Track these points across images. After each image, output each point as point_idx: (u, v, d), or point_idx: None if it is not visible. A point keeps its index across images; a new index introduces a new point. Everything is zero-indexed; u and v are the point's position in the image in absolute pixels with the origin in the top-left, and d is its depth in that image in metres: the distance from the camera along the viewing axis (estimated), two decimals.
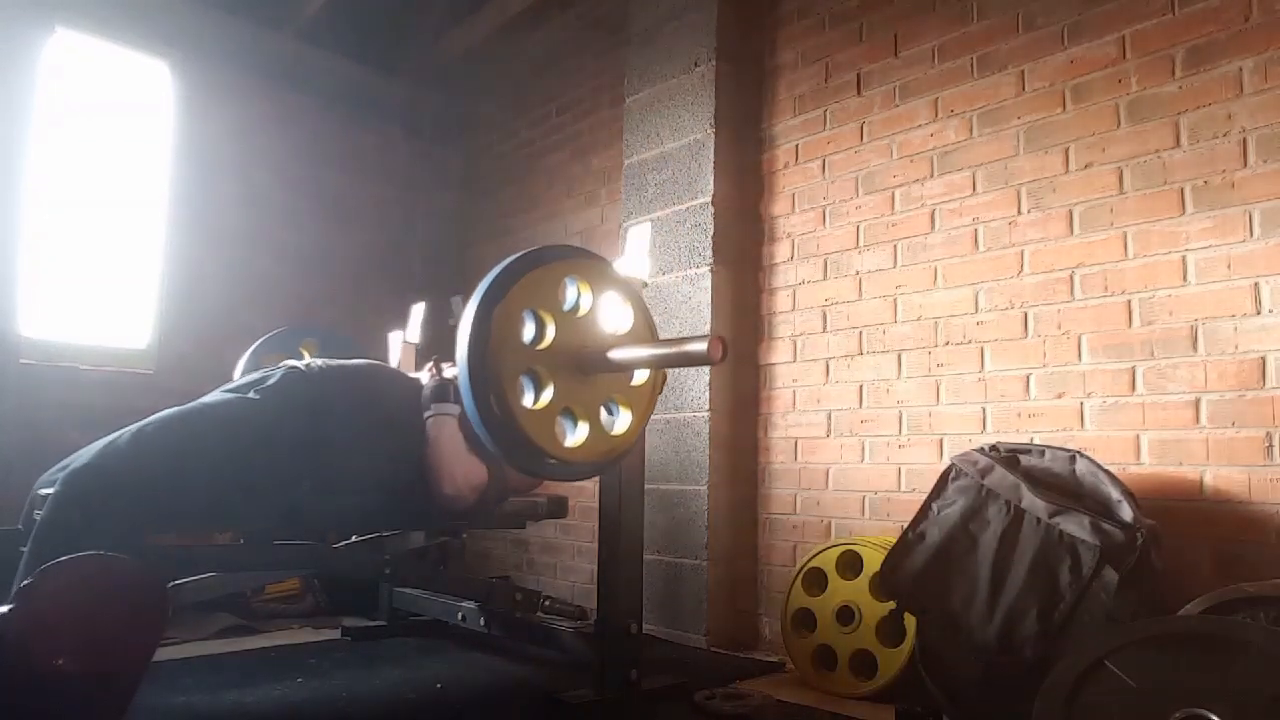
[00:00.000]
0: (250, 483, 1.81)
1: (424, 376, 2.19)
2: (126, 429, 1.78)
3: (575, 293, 1.74)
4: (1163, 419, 1.98)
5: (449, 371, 2.13)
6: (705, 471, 2.75)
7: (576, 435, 1.69)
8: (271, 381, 1.98)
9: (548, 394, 1.64)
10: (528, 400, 1.62)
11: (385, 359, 2.79)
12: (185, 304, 3.50)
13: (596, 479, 2.02)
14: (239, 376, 2.68)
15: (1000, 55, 2.36)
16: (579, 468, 1.74)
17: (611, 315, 1.78)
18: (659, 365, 1.75)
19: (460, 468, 2.01)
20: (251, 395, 1.93)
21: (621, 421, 1.78)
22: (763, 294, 2.86)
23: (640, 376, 1.80)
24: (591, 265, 1.78)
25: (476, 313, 1.59)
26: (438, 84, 4.33)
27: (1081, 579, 1.65)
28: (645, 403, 1.82)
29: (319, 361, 2.10)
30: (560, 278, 1.70)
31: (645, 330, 1.82)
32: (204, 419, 1.85)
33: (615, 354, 1.68)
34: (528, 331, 1.65)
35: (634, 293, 1.84)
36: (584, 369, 1.69)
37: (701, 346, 1.52)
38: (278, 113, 3.88)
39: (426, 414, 2.07)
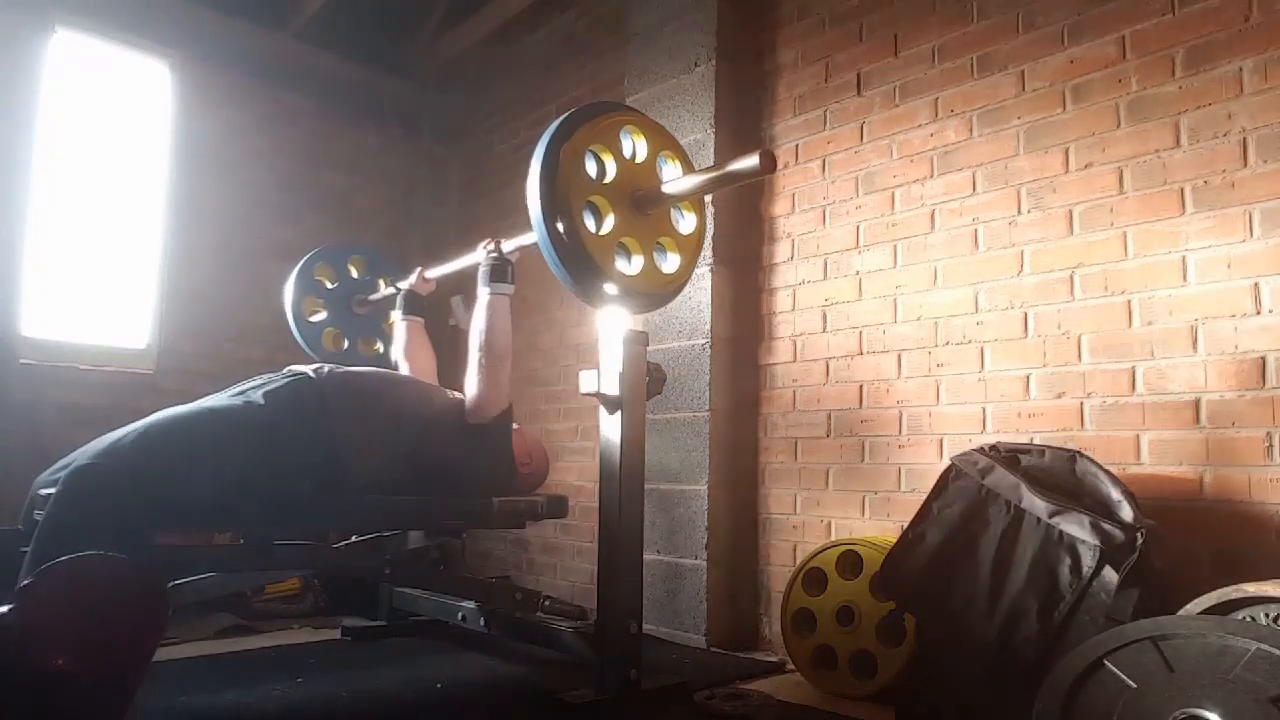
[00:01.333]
0: (252, 484, 1.81)
1: (480, 254, 2.25)
2: (130, 428, 1.78)
3: (632, 143, 1.96)
4: (1163, 419, 1.98)
5: (508, 245, 2.22)
6: (705, 471, 2.75)
7: (632, 267, 1.89)
8: (278, 385, 1.98)
9: (608, 224, 1.85)
10: (591, 226, 1.82)
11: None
12: (185, 304, 3.50)
13: (596, 480, 2.02)
14: (289, 296, 2.85)
15: (1000, 55, 2.36)
16: (634, 298, 1.90)
17: (664, 169, 2.00)
18: (713, 186, 1.91)
19: (506, 346, 2.15)
20: (257, 399, 1.94)
21: (671, 263, 1.99)
22: (763, 294, 2.86)
23: (688, 226, 2.03)
24: (645, 121, 1.99)
25: (546, 150, 1.78)
26: (438, 84, 4.33)
27: (1081, 579, 1.65)
28: (692, 249, 2.04)
29: (325, 367, 2.11)
30: (618, 128, 1.92)
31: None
32: (208, 422, 1.85)
33: (670, 185, 1.90)
34: (591, 168, 1.86)
35: (683, 151, 2.04)
36: (640, 206, 1.90)
37: (752, 161, 1.70)
38: (277, 113, 3.88)
39: (484, 289, 2.17)
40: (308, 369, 2.07)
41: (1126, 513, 1.71)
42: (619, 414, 1.94)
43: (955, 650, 1.79)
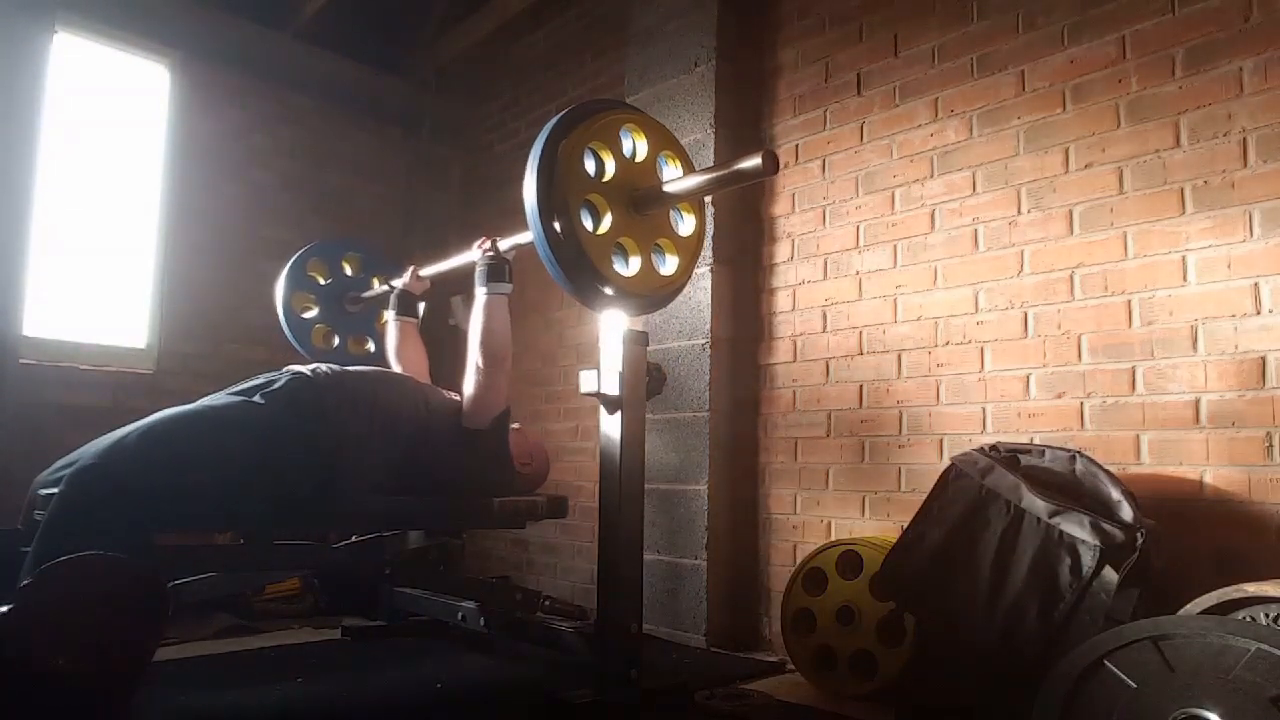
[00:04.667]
0: (252, 484, 1.81)
1: (476, 254, 2.23)
2: (132, 427, 1.78)
3: (631, 142, 1.92)
4: (1163, 419, 1.98)
5: (504, 244, 2.20)
6: (705, 471, 2.75)
7: (630, 269, 1.85)
8: (276, 386, 1.98)
9: (605, 223, 1.81)
10: (588, 226, 1.78)
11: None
12: (185, 304, 3.50)
13: (596, 480, 2.02)
14: (280, 291, 2.80)
15: (1000, 55, 2.36)
16: (631, 300, 1.86)
17: (663, 169, 1.96)
18: (714, 187, 1.86)
19: (505, 346, 2.13)
20: (256, 399, 1.94)
21: (669, 265, 1.94)
22: (763, 294, 2.86)
23: (687, 227, 1.99)
24: (646, 120, 1.95)
25: (544, 147, 1.74)
26: (438, 84, 4.32)
27: (1081, 579, 1.65)
28: (691, 251, 1.99)
29: (324, 367, 2.11)
30: (618, 126, 1.88)
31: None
32: (209, 422, 1.86)
33: (670, 185, 1.85)
34: (589, 166, 1.81)
35: (684, 151, 2.00)
36: (639, 206, 1.86)
37: (755, 161, 1.66)
38: (277, 112, 3.88)
39: (481, 288, 2.15)
40: (306, 369, 2.07)
41: (1126, 513, 1.71)
42: (619, 414, 1.94)
43: (955, 650, 1.79)
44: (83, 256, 3.37)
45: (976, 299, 2.34)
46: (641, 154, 1.93)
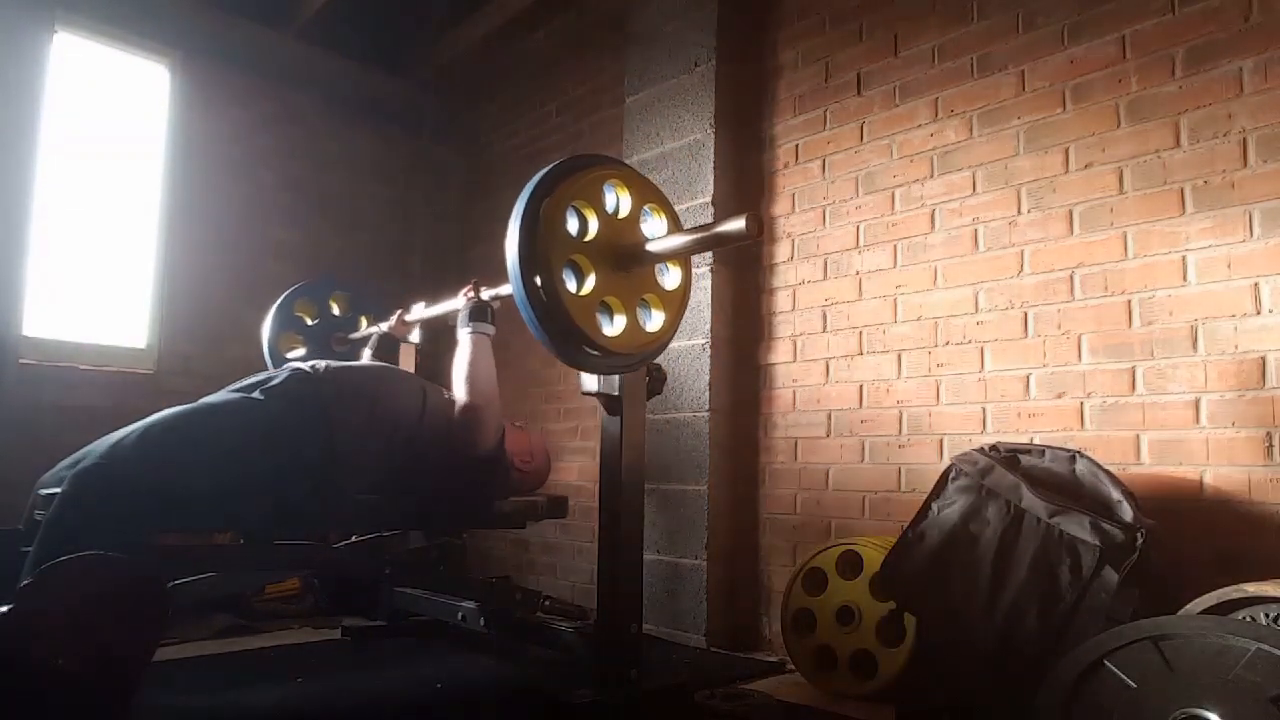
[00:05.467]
0: (252, 483, 1.81)
1: (460, 300, 2.22)
2: (133, 427, 1.78)
3: (615, 197, 1.86)
4: (1163, 419, 1.98)
5: (487, 293, 2.18)
6: (705, 471, 2.75)
7: (614, 327, 1.79)
8: (276, 382, 1.98)
9: (589, 283, 1.74)
10: (571, 287, 1.72)
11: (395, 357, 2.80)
12: (185, 304, 3.50)
13: (596, 480, 2.02)
14: (266, 331, 2.77)
15: (1000, 55, 2.36)
16: (617, 358, 1.81)
17: (648, 223, 1.90)
18: (697, 249, 1.82)
19: (490, 387, 2.09)
20: (256, 396, 1.94)
21: (655, 321, 1.88)
22: (763, 294, 2.86)
23: (673, 281, 1.92)
24: (630, 174, 1.89)
25: (526, 205, 1.70)
26: (438, 84, 4.32)
27: (1081, 579, 1.65)
28: (677, 306, 1.92)
29: (323, 363, 2.11)
30: (601, 182, 1.82)
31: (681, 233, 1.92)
32: (208, 420, 1.86)
33: (654, 244, 1.80)
34: (572, 225, 1.76)
35: (669, 204, 1.93)
36: (623, 264, 1.80)
37: (739, 224, 1.60)
38: (278, 112, 3.88)
39: (463, 330, 2.13)
40: (306, 365, 2.07)
41: (1126, 513, 1.71)
42: (619, 414, 1.94)
43: (955, 650, 1.79)
44: (83, 256, 3.37)
45: (976, 299, 2.34)
46: (625, 209, 1.85)
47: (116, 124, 3.49)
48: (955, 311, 2.37)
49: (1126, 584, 1.61)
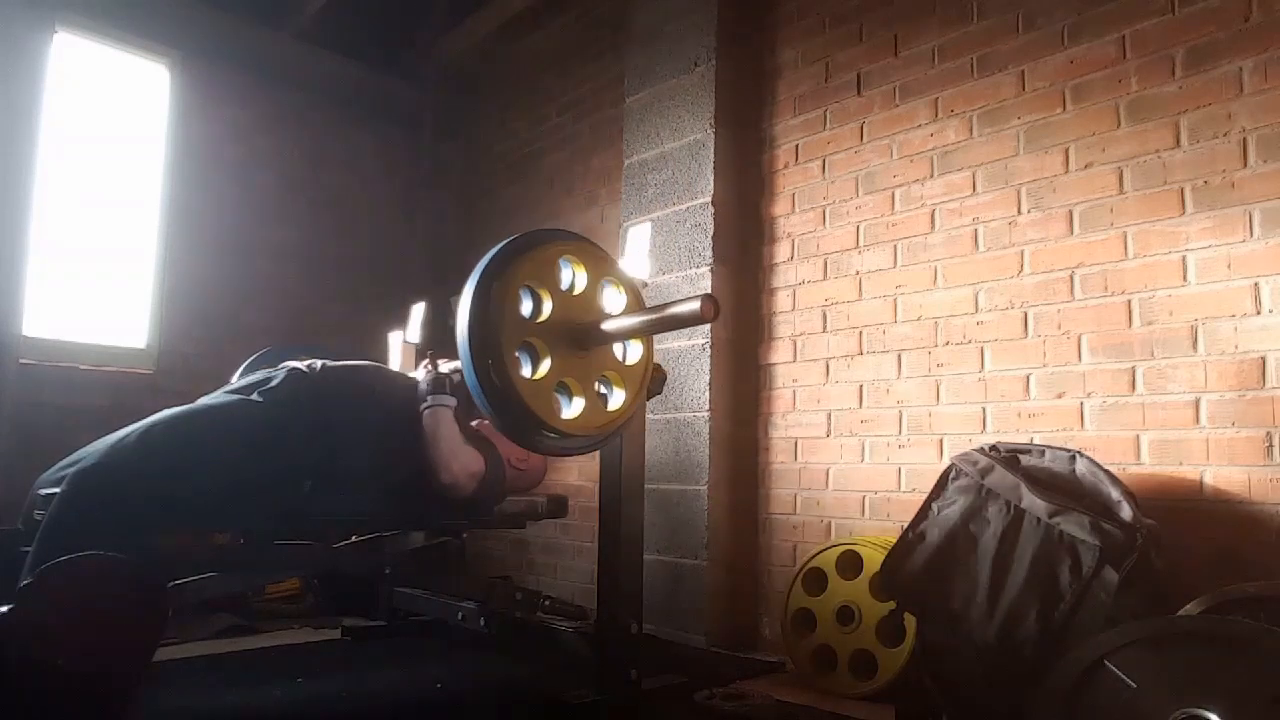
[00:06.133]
0: (252, 483, 1.81)
1: (420, 373, 2.20)
2: (133, 427, 1.78)
3: (570, 273, 1.79)
4: (1163, 419, 1.98)
5: (445, 367, 2.16)
6: (705, 471, 2.75)
7: (573, 409, 1.72)
8: (275, 383, 1.99)
9: (545, 366, 1.68)
10: (525, 371, 1.67)
11: (385, 359, 2.80)
12: (185, 304, 3.50)
13: (596, 481, 2.02)
14: (235, 382, 2.69)
15: (1000, 55, 2.36)
16: (576, 440, 1.76)
17: (605, 296, 1.83)
18: (650, 330, 1.76)
19: (457, 459, 2.06)
20: (255, 397, 1.94)
21: (616, 399, 1.82)
22: (763, 294, 2.86)
23: (634, 356, 1.85)
24: (585, 248, 1.82)
25: (476, 288, 1.63)
26: (438, 84, 4.33)
27: (1081, 579, 1.65)
28: (639, 381, 1.86)
29: (320, 363, 2.11)
30: (556, 258, 1.75)
31: (638, 310, 1.85)
32: (208, 420, 1.86)
33: (608, 324, 1.73)
34: (525, 307, 1.69)
35: (627, 278, 1.87)
36: (580, 344, 1.74)
37: (693, 306, 1.53)
38: (278, 113, 3.88)
39: (423, 405, 2.10)
40: (303, 365, 2.08)
41: (1126, 513, 1.71)
42: None
43: (955, 650, 1.79)
44: (83, 256, 3.37)
45: (976, 299, 2.34)
46: (581, 285, 1.79)
47: (116, 124, 3.49)
48: (955, 311, 2.37)
49: (1126, 584, 1.61)
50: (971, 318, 2.34)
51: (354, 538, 2.48)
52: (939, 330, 2.40)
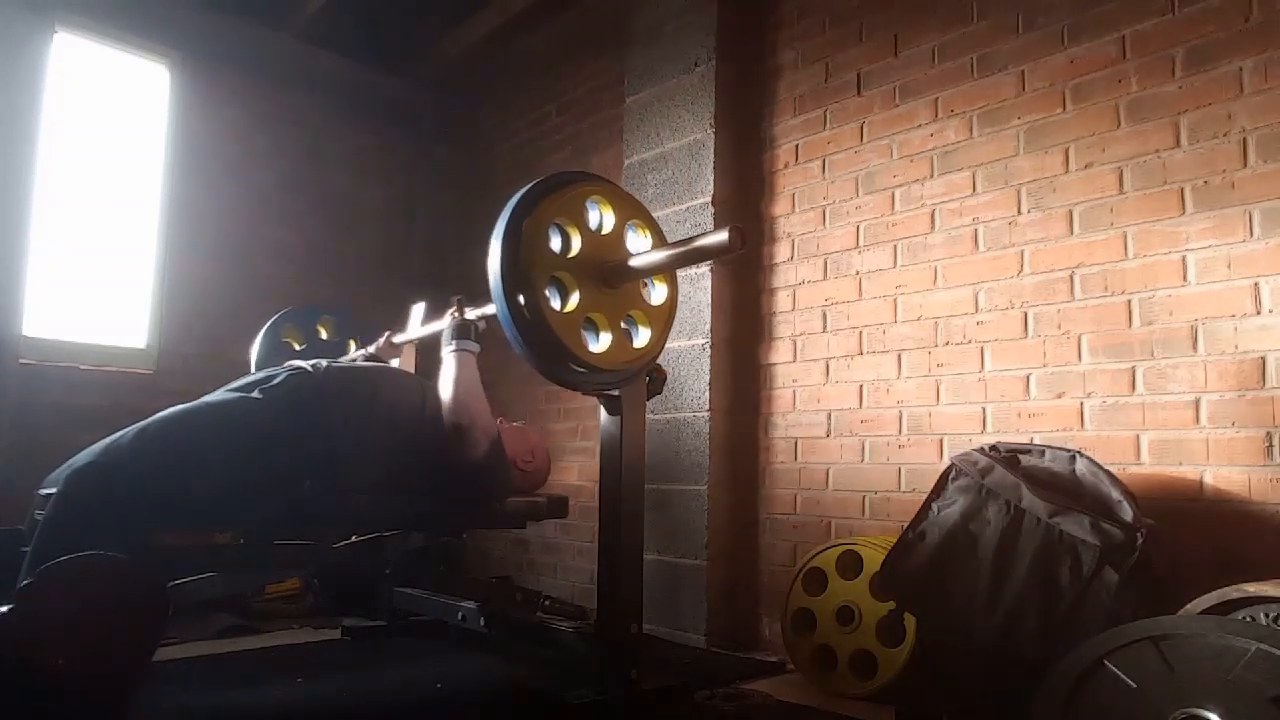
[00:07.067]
0: (252, 482, 1.81)
1: (445, 319, 2.22)
2: (130, 428, 1.78)
3: (598, 214, 1.85)
4: (1163, 419, 1.98)
5: (471, 313, 2.18)
6: (705, 471, 2.75)
7: (600, 344, 1.78)
8: (276, 381, 1.98)
9: (574, 300, 1.74)
10: (555, 304, 1.72)
11: (403, 327, 2.78)
12: (185, 304, 3.50)
13: (596, 481, 2.02)
14: (254, 356, 2.74)
15: (1000, 55, 2.36)
16: (603, 375, 1.80)
17: (631, 238, 1.89)
18: (680, 263, 1.82)
19: (477, 400, 2.07)
20: (255, 395, 1.93)
21: (641, 337, 1.88)
22: (763, 294, 2.86)
23: (659, 297, 1.92)
24: (612, 190, 1.88)
25: (508, 224, 1.69)
26: (438, 84, 4.32)
27: (1082, 579, 1.65)
28: (664, 321, 1.92)
29: (323, 362, 2.11)
30: (584, 198, 1.81)
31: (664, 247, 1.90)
32: (207, 418, 1.85)
33: (637, 260, 1.79)
34: (555, 243, 1.75)
35: (653, 222, 1.93)
36: (608, 280, 1.80)
37: (721, 238, 1.59)
38: (278, 113, 3.88)
39: (447, 348, 2.12)
40: (307, 364, 2.07)
41: (1126, 513, 1.71)
42: (619, 414, 1.94)
43: (955, 650, 1.79)
44: (83, 256, 3.37)
45: (976, 299, 2.34)
46: (609, 226, 1.85)
47: (116, 124, 3.49)
48: (955, 311, 2.37)
49: (1126, 584, 1.61)
50: (971, 318, 2.34)
51: (354, 538, 2.48)
52: (939, 330, 2.40)
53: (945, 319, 2.39)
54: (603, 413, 1.98)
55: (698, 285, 2.83)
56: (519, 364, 3.78)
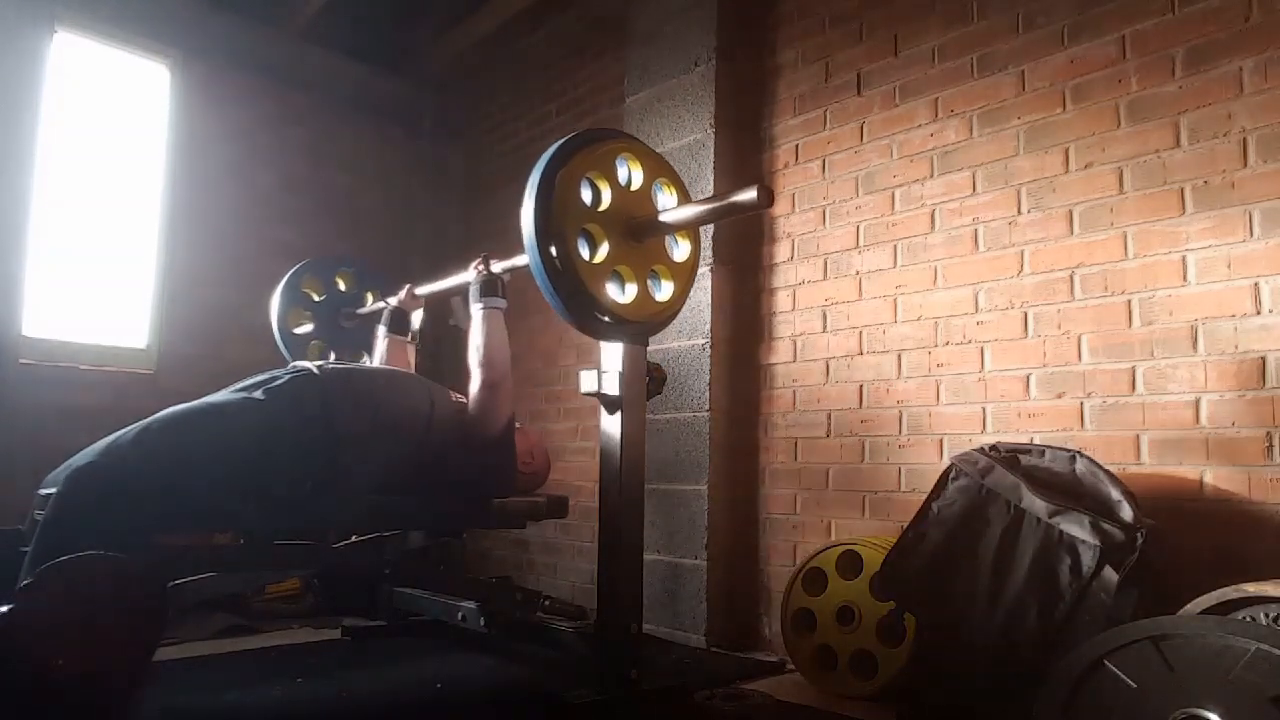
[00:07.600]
0: (253, 481, 1.80)
1: (470, 274, 2.25)
2: (130, 428, 1.77)
3: (627, 170, 1.94)
4: (1163, 419, 1.98)
5: (497, 267, 2.21)
6: (705, 471, 2.75)
7: (626, 296, 1.87)
8: (279, 382, 1.97)
9: (602, 252, 1.83)
10: (584, 254, 1.80)
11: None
12: (185, 304, 3.50)
13: (596, 480, 2.02)
14: (275, 307, 2.80)
15: (1000, 55, 2.36)
16: (628, 325, 1.88)
17: (659, 196, 1.98)
18: (710, 219, 1.92)
19: (503, 353, 2.12)
20: (258, 395, 1.93)
21: (665, 291, 1.96)
22: (763, 294, 2.86)
23: (682, 254, 2.00)
24: (641, 149, 1.97)
25: (542, 175, 1.77)
26: (438, 84, 4.33)
27: (1081, 579, 1.65)
28: (686, 277, 2.01)
29: (330, 364, 2.11)
30: (614, 155, 1.90)
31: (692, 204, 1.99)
32: (208, 419, 1.85)
33: (667, 215, 1.88)
34: (586, 195, 1.83)
35: (679, 180, 2.01)
36: (636, 234, 1.88)
37: (750, 195, 1.67)
38: (278, 112, 3.88)
39: (475, 305, 2.16)
40: (311, 365, 2.07)
41: (1126, 513, 1.71)
42: (619, 414, 1.94)
43: (955, 650, 1.79)
44: (83, 256, 3.37)
45: (976, 299, 2.33)
46: (637, 183, 1.94)
47: (116, 124, 3.49)
48: (955, 311, 2.37)
49: (1126, 584, 1.61)
50: (971, 318, 2.34)
51: (354, 538, 2.49)
52: (939, 330, 2.40)
53: (945, 319, 2.39)
54: (603, 413, 1.98)
55: (698, 285, 2.83)
56: (518, 365, 3.79)
